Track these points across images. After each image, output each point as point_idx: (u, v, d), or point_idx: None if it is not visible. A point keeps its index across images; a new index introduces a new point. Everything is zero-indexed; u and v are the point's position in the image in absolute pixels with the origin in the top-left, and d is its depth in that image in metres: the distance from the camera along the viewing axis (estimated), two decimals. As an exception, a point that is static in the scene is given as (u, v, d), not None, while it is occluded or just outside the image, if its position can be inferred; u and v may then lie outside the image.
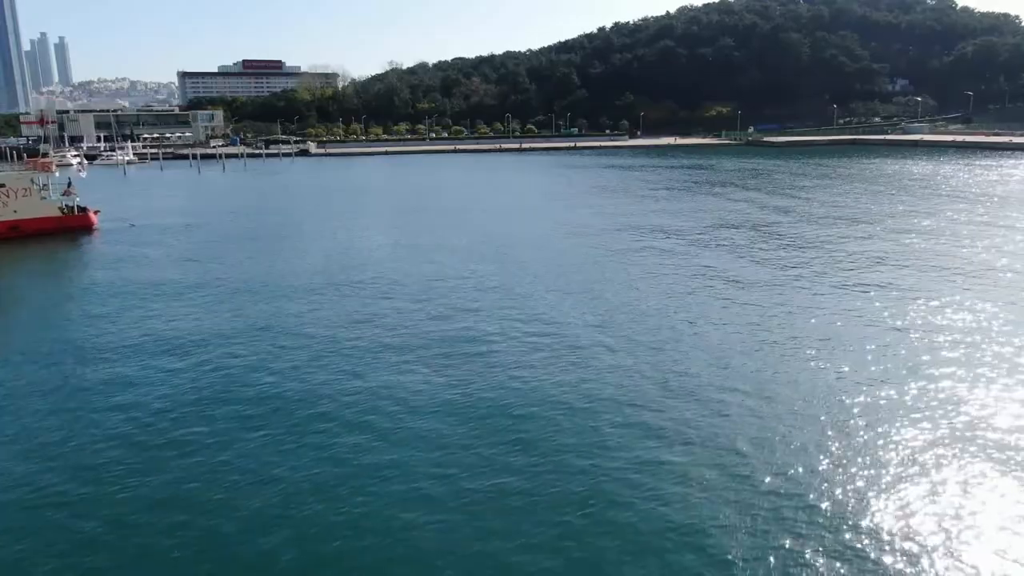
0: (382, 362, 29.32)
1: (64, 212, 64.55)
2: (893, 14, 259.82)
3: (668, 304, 36.84)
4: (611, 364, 28.47)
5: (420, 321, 34.74)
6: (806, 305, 36.15)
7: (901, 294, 37.71)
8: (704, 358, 28.79)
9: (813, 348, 29.77)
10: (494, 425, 23.45)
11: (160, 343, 32.23)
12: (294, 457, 21.59)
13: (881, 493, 19.16)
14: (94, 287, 43.85)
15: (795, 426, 22.85)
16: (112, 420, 24.44)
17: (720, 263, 46.36)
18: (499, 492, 19.57)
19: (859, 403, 24.47)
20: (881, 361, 28.14)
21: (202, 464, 21.33)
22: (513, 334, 32.38)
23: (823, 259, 46.88)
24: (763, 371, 27.43)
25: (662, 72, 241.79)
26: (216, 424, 23.93)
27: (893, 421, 23.10)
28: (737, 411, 23.97)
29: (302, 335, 32.92)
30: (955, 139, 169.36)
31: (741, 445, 21.64)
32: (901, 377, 26.52)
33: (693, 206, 75.33)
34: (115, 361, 30.13)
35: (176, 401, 25.83)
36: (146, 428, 23.77)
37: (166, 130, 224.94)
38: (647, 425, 23.14)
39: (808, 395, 25.20)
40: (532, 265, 46.58)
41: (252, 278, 44.52)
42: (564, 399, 25.26)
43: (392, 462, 21.20)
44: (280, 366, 29.07)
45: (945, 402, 24.43)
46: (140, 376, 28.37)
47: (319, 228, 64.15)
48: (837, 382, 26.24)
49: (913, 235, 55.15)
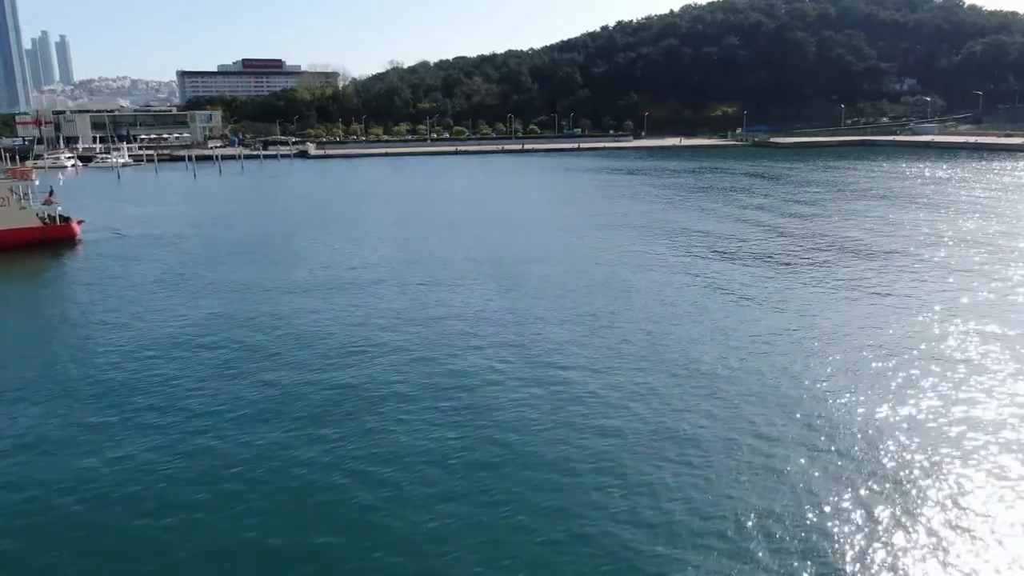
0: (379, 412, 26.31)
1: (45, 222, 61.53)
2: (900, 12, 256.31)
3: (694, 332, 33.82)
4: (635, 414, 25.46)
5: (423, 359, 31.72)
6: (864, 341, 33.11)
7: (932, 312, 34.68)
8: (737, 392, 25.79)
9: (874, 376, 26.76)
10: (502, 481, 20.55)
11: (136, 390, 29.20)
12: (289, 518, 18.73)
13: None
14: (68, 315, 40.65)
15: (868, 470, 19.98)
16: (88, 469, 21.54)
17: (744, 286, 43.27)
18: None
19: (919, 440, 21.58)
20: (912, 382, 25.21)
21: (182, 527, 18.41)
22: (522, 375, 29.36)
23: (861, 279, 43.81)
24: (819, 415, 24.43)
25: (666, 71, 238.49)
26: (195, 484, 20.98)
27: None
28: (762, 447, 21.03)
29: (294, 374, 29.94)
30: (967, 140, 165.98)
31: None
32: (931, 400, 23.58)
33: (705, 218, 72.15)
34: (86, 405, 27.13)
35: (162, 453, 22.88)
36: (128, 487, 20.82)
37: (164, 131, 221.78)
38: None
39: (872, 436, 22.24)
40: (542, 288, 43.51)
41: (240, 301, 41.49)
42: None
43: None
44: (266, 413, 26.09)
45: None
46: (114, 425, 25.38)
47: (314, 241, 60.76)
48: (891, 422, 23.30)
49: (937, 252, 52.07)
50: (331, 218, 73.53)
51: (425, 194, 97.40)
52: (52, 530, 19.23)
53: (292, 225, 69.46)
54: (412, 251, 55.03)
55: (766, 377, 28.02)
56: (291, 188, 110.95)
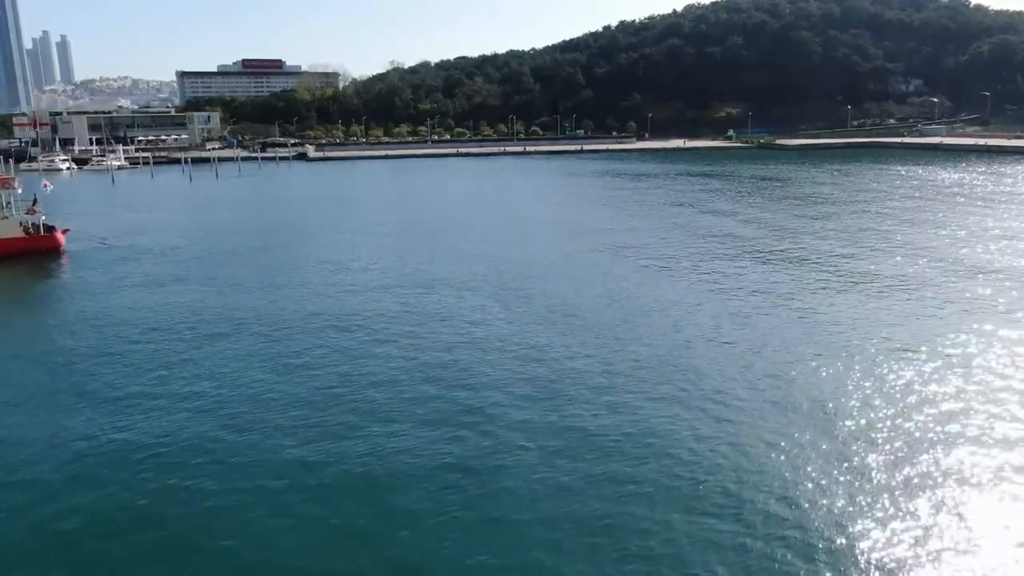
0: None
1: (29, 233, 59.04)
2: (905, 12, 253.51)
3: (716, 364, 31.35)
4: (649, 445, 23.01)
5: (425, 383, 29.26)
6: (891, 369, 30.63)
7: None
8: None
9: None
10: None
11: (106, 434, 26.74)
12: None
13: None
14: (47, 343, 38.05)
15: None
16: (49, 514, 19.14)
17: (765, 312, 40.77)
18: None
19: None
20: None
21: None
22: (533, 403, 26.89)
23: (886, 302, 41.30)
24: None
25: (669, 72, 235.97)
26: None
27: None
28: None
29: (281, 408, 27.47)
30: (976, 143, 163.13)
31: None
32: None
33: (719, 229, 69.57)
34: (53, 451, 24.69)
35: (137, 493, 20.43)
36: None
37: (162, 132, 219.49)
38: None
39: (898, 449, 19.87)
40: (552, 310, 41.04)
41: (227, 327, 38.98)
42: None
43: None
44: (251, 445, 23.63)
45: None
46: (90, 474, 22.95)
47: (309, 259, 57.30)
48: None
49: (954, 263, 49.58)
50: (328, 229, 70.57)
51: (426, 200, 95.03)
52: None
53: (287, 237, 66.53)
54: (416, 267, 52.41)
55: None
56: (288, 194, 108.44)
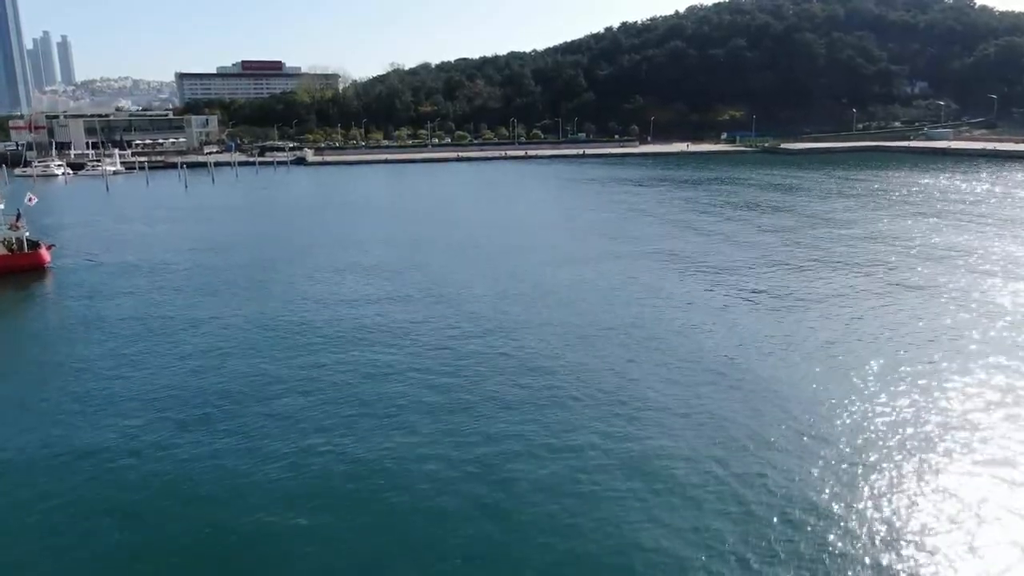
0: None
1: (12, 250, 56.75)
2: (910, 13, 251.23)
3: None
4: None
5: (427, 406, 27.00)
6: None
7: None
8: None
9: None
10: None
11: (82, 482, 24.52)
12: None
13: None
14: (14, 386, 36.02)
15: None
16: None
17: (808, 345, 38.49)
18: None
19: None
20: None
21: None
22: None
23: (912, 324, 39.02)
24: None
25: (672, 74, 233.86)
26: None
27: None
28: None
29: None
30: (984, 147, 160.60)
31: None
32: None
33: (730, 248, 67.36)
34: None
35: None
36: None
37: (160, 135, 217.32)
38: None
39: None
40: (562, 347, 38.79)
41: (215, 358, 36.78)
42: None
43: None
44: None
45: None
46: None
47: (306, 278, 54.95)
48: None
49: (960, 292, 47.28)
50: (327, 246, 67.93)
51: (424, 214, 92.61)
52: None
53: (283, 254, 63.89)
54: (416, 290, 50.22)
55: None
56: (284, 203, 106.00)
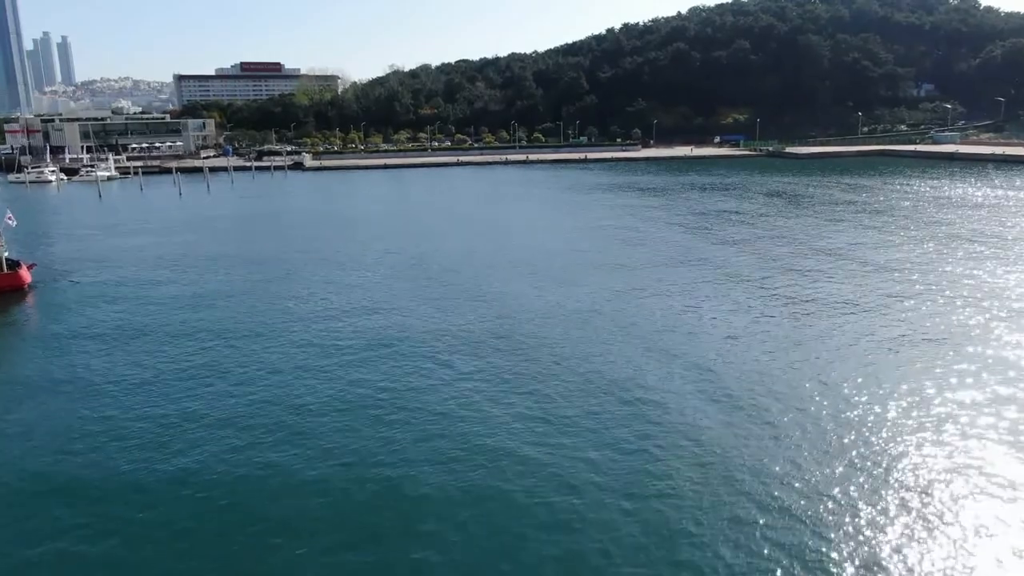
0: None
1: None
2: (916, 15, 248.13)
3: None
4: None
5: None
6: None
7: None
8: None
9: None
10: None
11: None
12: None
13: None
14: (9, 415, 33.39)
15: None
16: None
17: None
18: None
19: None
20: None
21: None
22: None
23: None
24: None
25: (675, 76, 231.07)
26: None
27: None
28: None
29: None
30: (994, 152, 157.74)
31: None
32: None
33: (744, 261, 64.78)
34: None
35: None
36: None
37: (156, 139, 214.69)
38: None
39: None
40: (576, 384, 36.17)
41: (203, 391, 34.20)
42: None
43: None
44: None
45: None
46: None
47: (298, 299, 52.90)
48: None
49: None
50: (325, 263, 65.35)
51: (422, 225, 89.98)
52: None
53: (274, 273, 61.57)
54: (416, 312, 47.67)
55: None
56: (281, 212, 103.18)
